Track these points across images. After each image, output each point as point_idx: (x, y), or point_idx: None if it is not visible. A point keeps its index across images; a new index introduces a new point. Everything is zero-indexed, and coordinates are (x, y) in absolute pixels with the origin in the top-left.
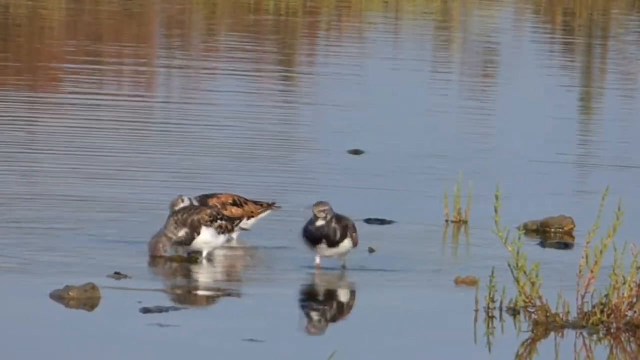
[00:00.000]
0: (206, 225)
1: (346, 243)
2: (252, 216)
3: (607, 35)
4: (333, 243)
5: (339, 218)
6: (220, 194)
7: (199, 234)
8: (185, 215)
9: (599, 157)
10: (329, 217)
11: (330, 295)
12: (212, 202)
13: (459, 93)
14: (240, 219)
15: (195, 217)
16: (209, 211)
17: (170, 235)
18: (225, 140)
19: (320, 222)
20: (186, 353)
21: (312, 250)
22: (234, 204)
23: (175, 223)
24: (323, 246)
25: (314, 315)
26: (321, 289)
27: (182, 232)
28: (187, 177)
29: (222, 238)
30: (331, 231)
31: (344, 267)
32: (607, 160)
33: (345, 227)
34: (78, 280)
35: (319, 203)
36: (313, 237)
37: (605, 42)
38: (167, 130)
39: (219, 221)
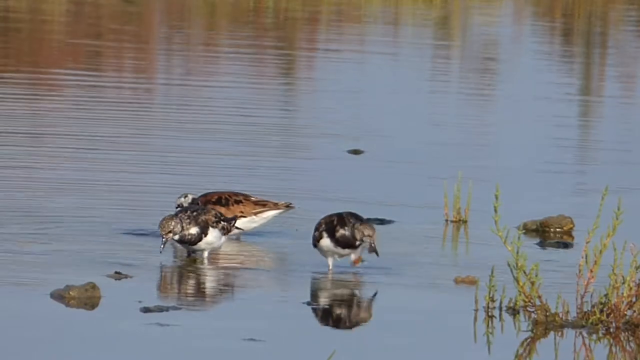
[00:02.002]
0: (212, 227)
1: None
2: (244, 216)
3: (606, 34)
4: None
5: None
6: (211, 193)
7: (206, 235)
8: (195, 213)
9: (598, 156)
10: None
11: (331, 295)
12: (199, 200)
13: (459, 93)
14: (235, 218)
15: (204, 217)
16: (213, 212)
17: (184, 225)
18: (225, 140)
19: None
20: (186, 353)
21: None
22: (217, 202)
23: (188, 218)
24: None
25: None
26: (321, 289)
27: (193, 230)
28: (187, 178)
29: (223, 239)
30: None
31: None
32: (607, 159)
33: None
34: (78, 279)
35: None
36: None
37: (605, 40)
38: (167, 129)
39: (222, 222)
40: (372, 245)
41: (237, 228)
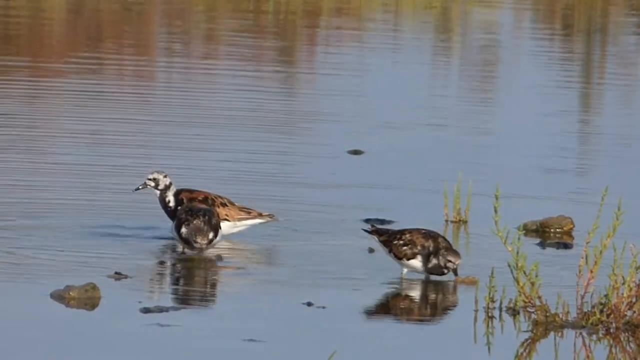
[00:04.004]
0: (219, 228)
1: None
2: (227, 220)
3: (606, 34)
4: None
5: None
6: (198, 190)
7: (217, 236)
8: (207, 218)
9: (598, 157)
10: None
11: (330, 295)
12: (183, 195)
13: (459, 92)
14: None
15: (215, 221)
16: (216, 212)
17: (205, 237)
18: (224, 140)
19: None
20: (186, 353)
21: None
22: (204, 201)
23: (207, 225)
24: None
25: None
26: (320, 288)
27: (211, 235)
28: (187, 176)
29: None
30: None
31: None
32: (607, 160)
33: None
34: (78, 280)
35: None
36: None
37: (604, 40)
38: (167, 123)
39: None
40: (455, 270)
41: None
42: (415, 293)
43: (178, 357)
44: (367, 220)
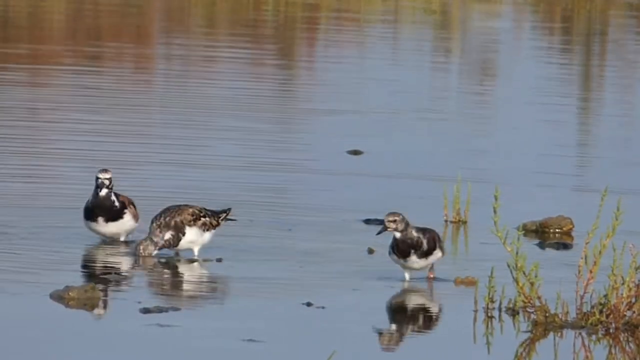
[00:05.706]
0: (189, 225)
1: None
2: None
3: (605, 35)
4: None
5: (422, 229)
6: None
7: (184, 234)
8: (168, 218)
9: (598, 157)
10: (400, 227)
11: (329, 295)
12: (121, 198)
13: (458, 93)
14: (227, 212)
15: (178, 219)
16: (191, 210)
17: (155, 239)
18: (223, 140)
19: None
20: (186, 353)
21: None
22: (131, 203)
23: (159, 227)
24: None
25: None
26: (320, 288)
27: (168, 235)
28: (186, 175)
29: (207, 235)
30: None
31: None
32: (606, 160)
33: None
34: (78, 280)
35: (390, 214)
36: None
37: (604, 41)
38: (167, 135)
39: (202, 219)
40: (392, 228)
41: (230, 219)
42: (415, 293)
43: (178, 357)
44: (366, 221)
